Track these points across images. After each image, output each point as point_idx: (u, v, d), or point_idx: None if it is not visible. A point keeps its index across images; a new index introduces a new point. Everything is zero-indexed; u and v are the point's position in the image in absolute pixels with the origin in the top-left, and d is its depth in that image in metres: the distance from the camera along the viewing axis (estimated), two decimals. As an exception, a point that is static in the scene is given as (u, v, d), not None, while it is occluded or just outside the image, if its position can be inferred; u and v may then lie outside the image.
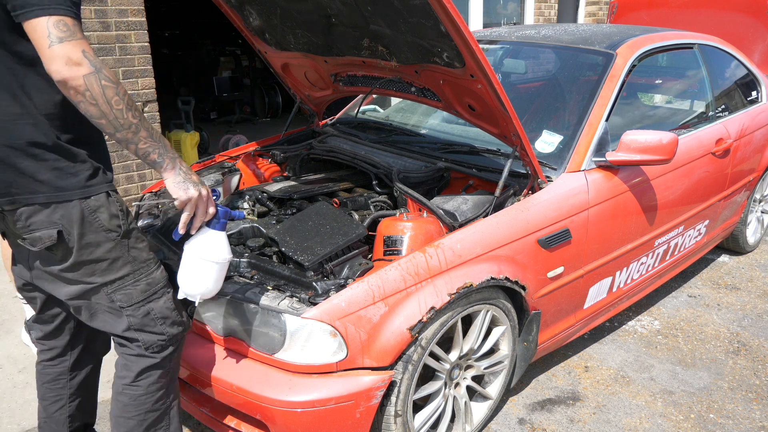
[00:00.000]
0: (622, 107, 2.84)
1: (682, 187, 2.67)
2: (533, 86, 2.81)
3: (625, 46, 2.59)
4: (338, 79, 2.51)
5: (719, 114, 3.08)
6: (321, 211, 2.08)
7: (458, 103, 2.12)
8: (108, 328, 1.54)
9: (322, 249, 1.88)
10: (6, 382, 2.49)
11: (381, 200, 2.29)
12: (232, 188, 2.56)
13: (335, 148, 2.54)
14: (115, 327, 1.52)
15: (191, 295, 1.56)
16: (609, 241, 2.33)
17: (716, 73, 3.17)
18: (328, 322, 1.64)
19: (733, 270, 3.54)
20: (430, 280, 1.78)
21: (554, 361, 2.64)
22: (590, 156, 2.27)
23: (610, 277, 2.44)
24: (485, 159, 2.31)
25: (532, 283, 2.05)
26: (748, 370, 2.59)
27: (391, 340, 1.71)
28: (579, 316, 2.39)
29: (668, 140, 2.20)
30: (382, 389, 1.72)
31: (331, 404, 1.66)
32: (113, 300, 1.49)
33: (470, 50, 1.71)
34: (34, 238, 1.38)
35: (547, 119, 2.51)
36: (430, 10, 1.64)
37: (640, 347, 2.74)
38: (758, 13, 4.49)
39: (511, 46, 3.02)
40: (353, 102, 3.23)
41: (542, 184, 2.12)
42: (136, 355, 1.55)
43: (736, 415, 2.31)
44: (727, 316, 3.01)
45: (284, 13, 2.18)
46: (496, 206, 2.05)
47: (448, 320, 1.84)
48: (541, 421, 2.26)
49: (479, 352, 2.06)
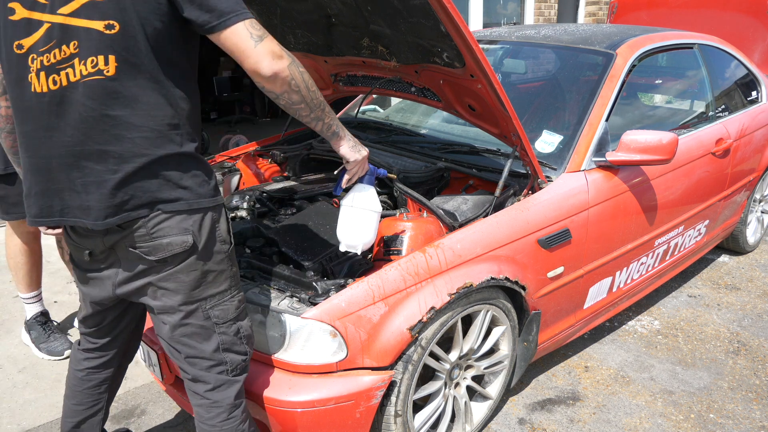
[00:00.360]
0: (622, 107, 2.84)
1: (682, 187, 2.67)
2: (533, 86, 2.81)
3: (625, 46, 2.59)
4: (338, 79, 2.51)
5: (719, 114, 3.08)
6: (321, 211, 2.08)
7: (458, 103, 2.12)
8: (191, 351, 1.46)
9: (322, 249, 1.88)
10: (6, 382, 2.49)
11: (381, 200, 2.29)
12: (232, 188, 2.56)
13: (335, 148, 2.53)
14: (203, 349, 1.46)
15: (354, 246, 1.69)
16: (609, 241, 2.33)
17: (716, 73, 3.17)
18: (328, 322, 1.64)
19: (733, 270, 3.54)
20: (430, 280, 1.78)
21: (554, 361, 2.64)
22: (590, 156, 2.27)
23: (610, 277, 2.44)
24: (485, 159, 2.31)
25: (532, 283, 2.05)
26: (748, 370, 2.59)
27: (391, 340, 1.71)
28: (579, 316, 2.39)
29: (668, 140, 2.20)
30: (382, 389, 1.72)
31: (331, 404, 1.66)
32: (209, 317, 1.44)
33: (470, 50, 1.71)
34: (155, 245, 1.34)
35: (547, 119, 2.51)
36: (430, 10, 1.64)
37: (640, 347, 2.74)
38: (758, 13, 4.49)
39: (511, 46, 3.02)
40: (353, 102, 3.23)
41: (542, 184, 2.12)
42: (217, 387, 1.50)
43: (736, 415, 2.31)
44: (727, 316, 3.01)
45: (284, 13, 2.18)
46: (496, 206, 2.05)
47: (448, 320, 1.84)
48: (541, 421, 2.26)
49: (479, 352, 2.06)
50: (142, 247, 1.34)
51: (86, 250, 1.41)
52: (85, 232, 1.38)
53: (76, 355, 1.72)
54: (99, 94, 1.25)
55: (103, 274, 1.45)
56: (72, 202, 1.32)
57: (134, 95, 1.27)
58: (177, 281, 1.38)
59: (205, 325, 1.44)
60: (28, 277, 2.65)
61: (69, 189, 1.31)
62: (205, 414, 1.52)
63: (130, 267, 1.39)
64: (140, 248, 1.35)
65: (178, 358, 1.50)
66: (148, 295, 1.42)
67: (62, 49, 1.24)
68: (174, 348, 1.48)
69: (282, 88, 1.32)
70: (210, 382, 1.50)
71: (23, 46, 1.28)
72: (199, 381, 1.50)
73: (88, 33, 1.22)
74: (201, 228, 1.38)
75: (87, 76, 1.24)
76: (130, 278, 1.40)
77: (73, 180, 1.31)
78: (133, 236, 1.34)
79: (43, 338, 2.67)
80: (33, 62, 1.27)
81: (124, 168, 1.28)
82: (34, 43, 1.26)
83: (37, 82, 1.28)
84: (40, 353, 2.65)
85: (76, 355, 1.72)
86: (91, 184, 1.29)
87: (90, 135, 1.27)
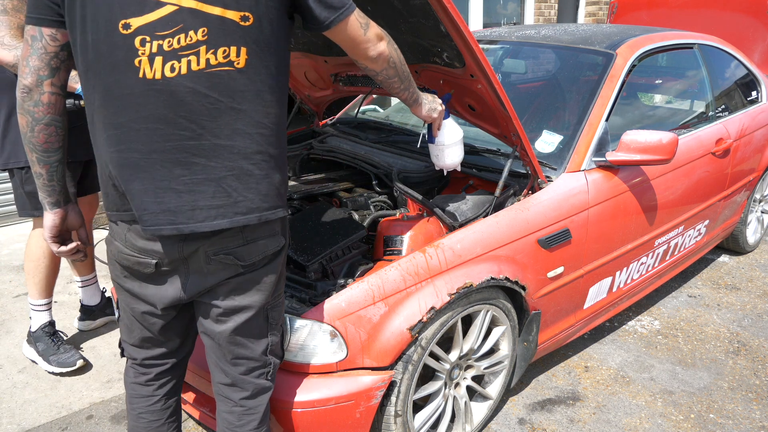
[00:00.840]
0: (622, 107, 2.84)
1: (682, 187, 2.67)
2: (533, 86, 2.81)
3: (625, 46, 2.59)
4: (338, 79, 2.50)
5: (719, 114, 3.08)
6: (321, 211, 2.08)
7: (458, 103, 2.12)
8: (243, 351, 1.41)
9: (322, 249, 1.88)
10: (6, 382, 2.49)
11: (381, 200, 2.29)
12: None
13: (335, 148, 2.54)
14: (255, 349, 1.42)
15: (454, 165, 1.95)
16: (609, 241, 2.33)
17: (716, 73, 3.17)
18: (328, 322, 1.64)
19: (733, 270, 3.54)
20: (430, 280, 1.78)
21: (554, 361, 2.64)
22: (590, 156, 2.27)
23: (610, 277, 2.44)
24: (485, 159, 2.31)
25: (532, 283, 2.05)
26: (748, 370, 2.59)
27: (391, 340, 1.71)
28: (579, 316, 2.39)
29: (668, 140, 2.20)
30: (382, 389, 1.72)
31: (331, 404, 1.66)
32: (267, 317, 1.41)
33: (470, 50, 1.71)
34: (249, 249, 1.29)
35: (547, 119, 2.51)
36: (430, 10, 1.64)
37: (640, 347, 2.74)
38: (758, 13, 4.49)
39: (511, 46, 3.02)
40: (353, 102, 3.23)
41: (542, 184, 2.12)
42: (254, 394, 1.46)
43: (736, 415, 2.31)
44: (727, 316, 3.01)
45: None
46: (496, 206, 2.05)
47: (448, 320, 1.84)
48: (541, 421, 2.26)
49: (479, 352, 2.06)
50: (236, 253, 1.28)
51: (153, 260, 1.29)
52: (161, 239, 1.26)
53: (141, 391, 1.54)
54: (225, 85, 1.18)
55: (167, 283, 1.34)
56: (170, 203, 1.22)
57: (258, 90, 1.22)
58: (261, 282, 1.35)
59: (263, 326, 1.42)
60: (44, 282, 2.47)
61: (167, 189, 1.21)
62: (237, 421, 1.47)
63: (207, 272, 1.31)
64: (233, 254, 1.28)
65: (222, 359, 1.43)
66: (220, 296, 1.35)
67: (189, 34, 1.15)
68: (225, 348, 1.41)
69: (383, 65, 1.40)
70: (248, 389, 1.46)
71: (131, 25, 1.14)
72: (236, 386, 1.45)
73: (222, 22, 1.16)
74: (283, 228, 1.38)
75: (215, 66, 1.17)
76: (201, 282, 1.32)
77: (175, 178, 1.21)
78: (223, 241, 1.27)
79: (53, 350, 2.50)
80: (144, 45, 1.15)
81: (242, 165, 1.23)
82: (148, 23, 1.14)
83: (149, 68, 1.15)
84: (50, 366, 2.48)
85: (140, 391, 1.54)
86: (201, 182, 1.21)
87: (210, 129, 1.19)
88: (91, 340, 2.78)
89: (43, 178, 1.34)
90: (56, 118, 1.28)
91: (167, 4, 1.14)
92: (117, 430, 2.20)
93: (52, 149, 1.31)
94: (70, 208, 1.44)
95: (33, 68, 1.23)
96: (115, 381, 2.48)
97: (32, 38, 1.22)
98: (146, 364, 1.52)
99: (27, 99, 1.25)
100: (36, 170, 1.33)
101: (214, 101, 1.19)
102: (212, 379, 1.50)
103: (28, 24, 1.21)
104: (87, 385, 2.45)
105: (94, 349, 2.70)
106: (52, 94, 1.26)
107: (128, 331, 1.48)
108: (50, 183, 1.36)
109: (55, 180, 1.36)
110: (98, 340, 2.77)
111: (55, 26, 1.22)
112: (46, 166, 1.33)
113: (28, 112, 1.26)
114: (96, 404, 2.34)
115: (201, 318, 1.41)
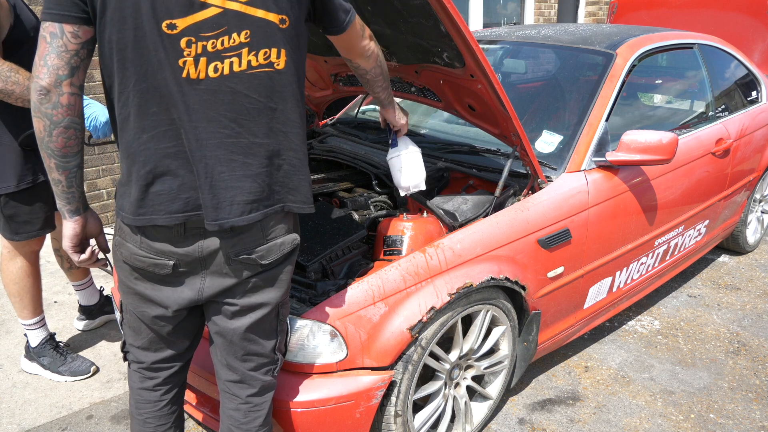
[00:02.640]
0: (622, 107, 2.84)
1: (682, 187, 2.67)
2: (533, 86, 2.81)
3: (625, 46, 2.59)
4: (338, 79, 2.50)
5: (719, 114, 3.08)
6: (321, 211, 2.08)
7: (458, 103, 2.12)
8: (254, 347, 1.42)
9: (322, 249, 1.88)
10: (6, 382, 2.49)
11: (381, 200, 2.29)
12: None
13: (335, 148, 2.54)
14: (265, 345, 1.43)
15: (416, 186, 1.92)
16: (609, 241, 2.33)
17: (716, 73, 3.17)
18: (328, 322, 1.64)
19: (733, 270, 3.54)
20: (430, 280, 1.78)
21: (554, 361, 2.64)
22: (590, 156, 2.27)
23: (610, 277, 2.44)
24: (485, 159, 2.31)
25: (532, 283, 2.05)
26: (748, 370, 2.59)
27: (391, 340, 1.71)
28: (579, 316, 2.39)
29: (668, 140, 2.20)
30: (382, 389, 1.72)
31: (331, 404, 1.66)
32: (279, 315, 1.43)
33: (470, 50, 1.71)
34: (270, 248, 1.32)
35: (547, 119, 2.51)
36: (430, 10, 1.64)
37: (640, 347, 2.74)
38: (758, 13, 4.49)
39: (511, 46, 3.02)
40: (353, 102, 3.23)
41: (542, 184, 2.12)
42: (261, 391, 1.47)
43: (736, 415, 2.31)
44: (727, 316, 3.01)
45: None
46: (496, 206, 2.05)
47: (448, 320, 1.84)
48: (541, 421, 2.26)
49: (479, 352, 2.06)
50: (258, 251, 1.30)
51: (171, 261, 1.28)
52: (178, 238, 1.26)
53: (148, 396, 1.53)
54: (266, 86, 1.23)
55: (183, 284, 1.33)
56: (204, 199, 1.23)
57: (293, 91, 1.28)
58: (278, 279, 1.37)
59: (274, 322, 1.44)
60: (33, 300, 2.41)
61: (203, 185, 1.23)
62: (243, 418, 1.48)
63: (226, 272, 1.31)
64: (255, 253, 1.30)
65: (232, 356, 1.42)
66: (237, 294, 1.35)
67: (232, 36, 1.18)
68: (237, 345, 1.41)
69: (372, 63, 1.51)
70: (255, 386, 1.47)
71: (176, 26, 1.14)
72: (244, 383, 1.46)
73: (265, 24, 1.20)
74: (295, 225, 1.40)
75: (256, 68, 1.21)
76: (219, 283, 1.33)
77: (212, 175, 1.22)
78: (244, 241, 1.28)
79: (60, 361, 2.47)
80: (190, 46, 1.16)
81: (275, 162, 1.28)
82: (193, 24, 1.15)
83: (194, 68, 1.17)
84: (62, 377, 2.46)
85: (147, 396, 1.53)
86: (240, 179, 1.24)
87: (248, 127, 1.23)
88: (91, 340, 2.78)
89: (62, 185, 1.27)
90: (75, 120, 1.21)
91: (212, 5, 1.15)
92: (117, 430, 2.20)
93: (71, 153, 1.24)
94: (89, 215, 1.39)
95: (52, 67, 1.15)
96: (115, 381, 2.48)
97: (51, 35, 1.14)
98: (154, 368, 1.50)
99: (44, 101, 1.17)
100: (54, 177, 1.26)
101: (254, 101, 1.23)
102: (218, 377, 1.50)
103: (47, 21, 1.14)
104: (87, 385, 2.45)
105: (94, 349, 2.70)
106: (72, 94, 1.19)
107: (135, 334, 1.46)
108: (69, 190, 1.29)
109: (74, 186, 1.29)
110: (98, 340, 2.77)
111: (79, 23, 1.15)
112: (66, 172, 1.25)
113: (46, 115, 1.18)
114: (96, 404, 2.34)
115: (213, 317, 1.40)
